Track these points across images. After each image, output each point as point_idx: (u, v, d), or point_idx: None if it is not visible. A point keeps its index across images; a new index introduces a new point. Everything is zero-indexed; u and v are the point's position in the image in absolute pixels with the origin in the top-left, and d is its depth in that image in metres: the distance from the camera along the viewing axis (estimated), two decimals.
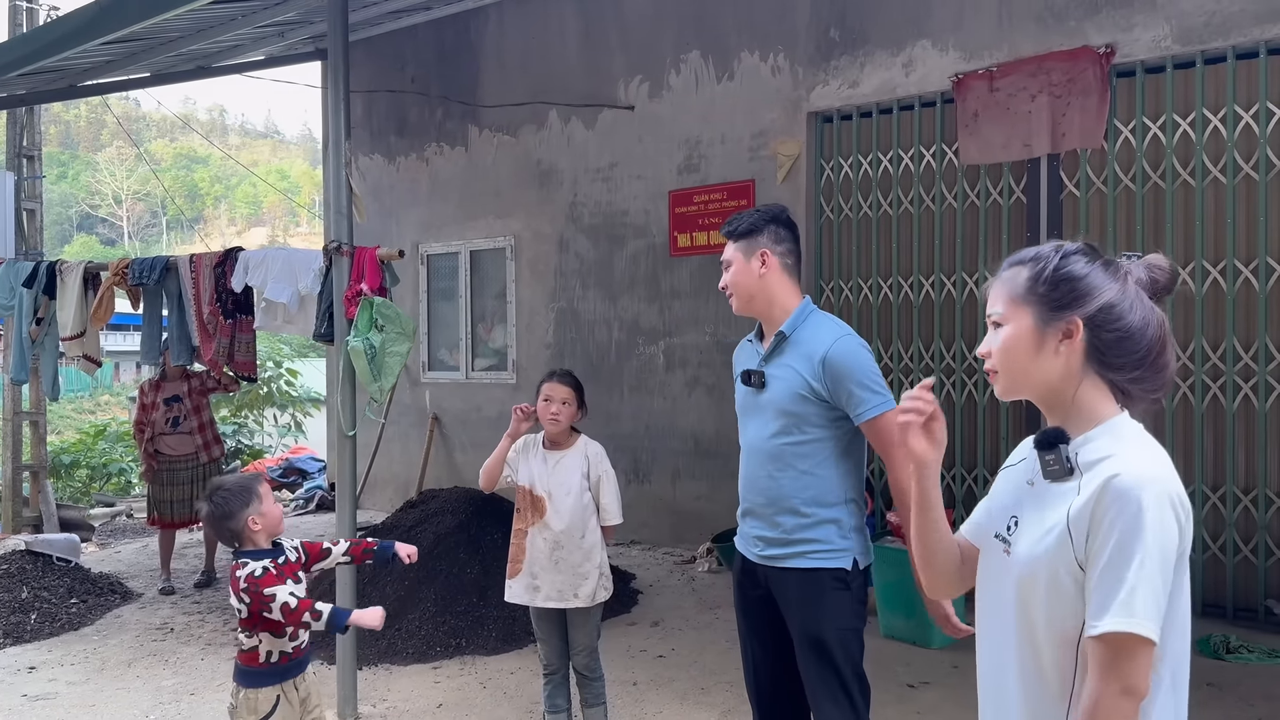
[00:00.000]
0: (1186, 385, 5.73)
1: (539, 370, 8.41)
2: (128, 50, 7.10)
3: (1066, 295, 1.63)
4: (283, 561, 3.25)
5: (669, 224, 7.61)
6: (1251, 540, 5.58)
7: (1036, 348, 1.64)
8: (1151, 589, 1.47)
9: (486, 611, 5.78)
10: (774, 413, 2.93)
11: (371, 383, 4.73)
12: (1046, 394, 1.67)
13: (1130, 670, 1.48)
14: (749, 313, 3.04)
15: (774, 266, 2.91)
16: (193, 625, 6.19)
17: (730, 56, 7.29)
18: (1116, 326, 1.60)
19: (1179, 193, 5.74)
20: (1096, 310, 1.61)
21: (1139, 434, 1.61)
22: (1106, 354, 1.62)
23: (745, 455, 3.10)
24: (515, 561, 3.86)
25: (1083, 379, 1.64)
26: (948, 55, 6.34)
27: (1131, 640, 1.47)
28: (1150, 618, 1.46)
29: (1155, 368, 1.62)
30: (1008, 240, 6.27)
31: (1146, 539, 1.47)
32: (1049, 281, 1.64)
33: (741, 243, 2.96)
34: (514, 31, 8.61)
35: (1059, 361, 1.63)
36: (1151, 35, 5.66)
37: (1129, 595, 1.47)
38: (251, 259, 5.29)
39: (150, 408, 6.83)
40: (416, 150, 9.28)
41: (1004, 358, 1.68)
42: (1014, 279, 1.69)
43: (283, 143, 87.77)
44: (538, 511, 3.81)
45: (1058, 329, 1.63)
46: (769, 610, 3.02)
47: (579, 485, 3.82)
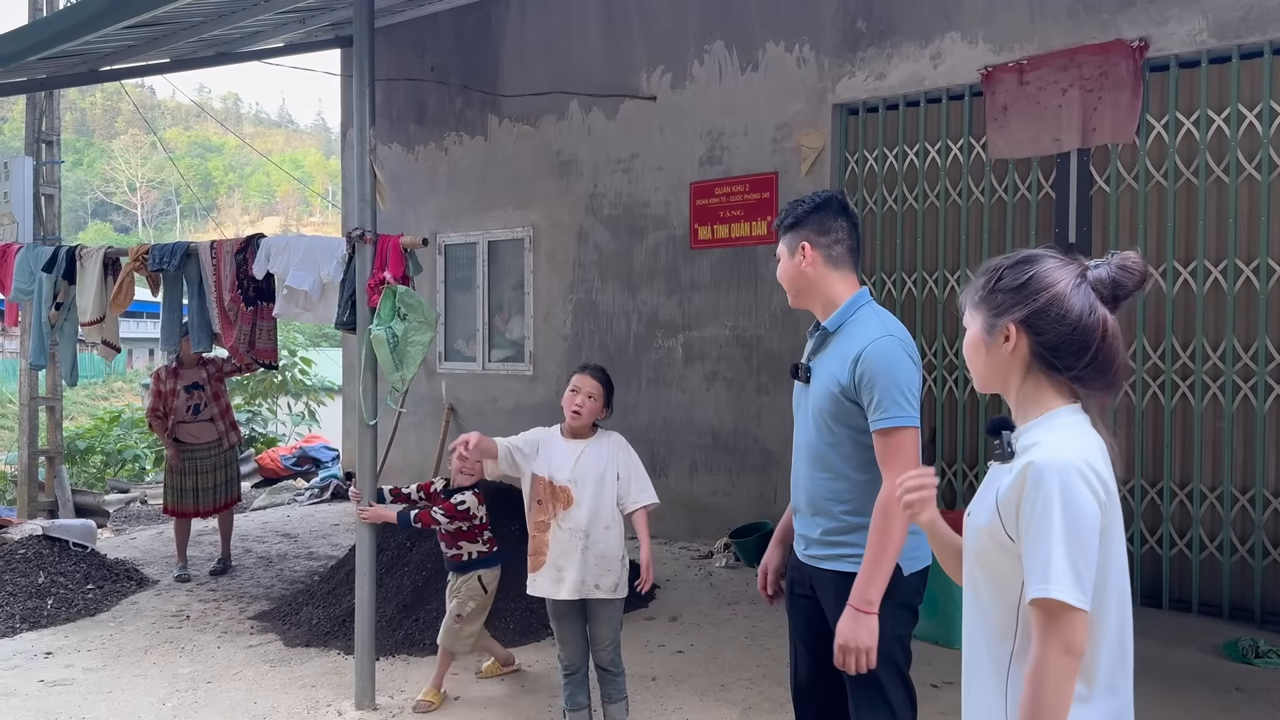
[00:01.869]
0: (1217, 385, 5.64)
1: (556, 362, 8.38)
2: (150, 35, 7.07)
3: (1005, 301, 1.79)
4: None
5: (690, 216, 7.55)
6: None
7: (985, 349, 1.83)
8: (1067, 558, 1.61)
9: (503, 604, 5.71)
10: (813, 411, 2.84)
11: (393, 372, 4.68)
12: (1000, 389, 1.85)
13: (1058, 630, 1.62)
14: (801, 306, 2.93)
15: (816, 259, 2.79)
16: (209, 613, 6.17)
17: (755, 47, 7.21)
18: (1055, 329, 1.74)
19: (1212, 189, 5.65)
20: (1029, 315, 1.76)
21: (1073, 424, 1.74)
22: (1049, 354, 1.75)
23: (794, 452, 3.00)
24: (538, 554, 3.80)
25: (1026, 376, 1.79)
26: (977, 47, 6.25)
27: (1053, 604, 1.62)
28: (1067, 583, 1.60)
29: (1098, 367, 1.74)
30: (1035, 236, 6.19)
31: (1058, 513, 1.62)
32: (990, 288, 1.82)
33: (787, 236, 2.87)
34: (535, 20, 8.54)
35: (1004, 361, 1.80)
36: (1187, 29, 5.56)
37: (1046, 565, 1.62)
38: (273, 245, 5.24)
39: (170, 395, 6.80)
40: (435, 139, 9.23)
41: (967, 358, 1.90)
42: (973, 286, 1.87)
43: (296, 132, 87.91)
44: (562, 502, 3.76)
45: (999, 332, 1.79)
46: (813, 608, 2.93)
47: (604, 474, 3.78)
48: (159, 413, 6.85)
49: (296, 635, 5.69)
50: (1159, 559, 5.82)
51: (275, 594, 6.56)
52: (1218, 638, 5.28)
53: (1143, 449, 5.86)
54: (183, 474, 6.90)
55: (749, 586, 6.50)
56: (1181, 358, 5.73)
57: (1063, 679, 1.63)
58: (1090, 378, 1.75)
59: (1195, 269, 5.68)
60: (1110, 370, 1.75)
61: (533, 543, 3.83)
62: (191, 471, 6.91)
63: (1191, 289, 5.70)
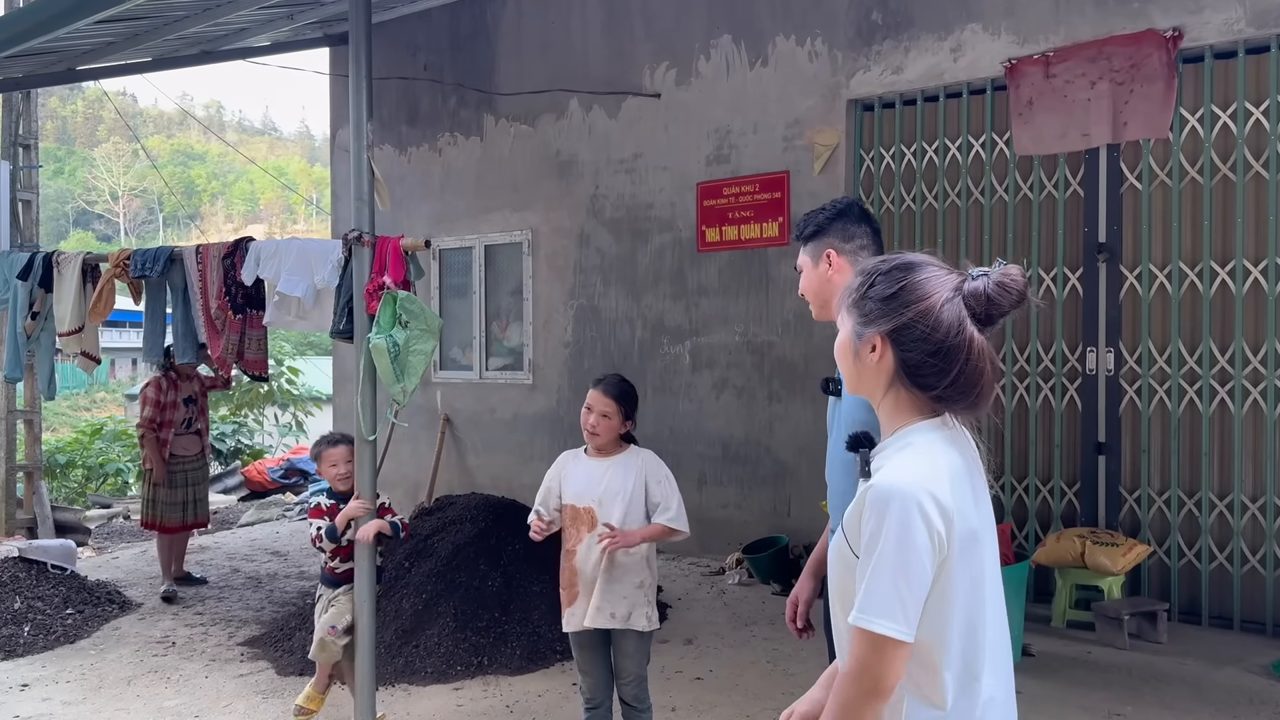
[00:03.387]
0: (1258, 391, 5.38)
1: (557, 370, 8.07)
2: (129, 31, 6.73)
3: (873, 311, 1.71)
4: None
5: (696, 218, 7.25)
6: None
7: (853, 355, 1.75)
8: (890, 589, 1.56)
9: (509, 627, 5.43)
10: (846, 423, 2.70)
11: (394, 383, 4.37)
12: (867, 397, 1.78)
13: (866, 660, 1.59)
14: (827, 318, 2.76)
15: (843, 266, 2.68)
16: (195, 639, 5.83)
17: (764, 41, 6.93)
18: (919, 347, 1.66)
19: (1250, 185, 5.40)
20: (894, 329, 1.68)
21: (925, 443, 1.67)
22: (910, 372, 1.68)
23: (829, 470, 2.80)
24: (570, 587, 3.50)
25: (889, 389, 1.72)
26: (999, 39, 5.99)
27: (867, 634, 1.58)
28: (883, 615, 1.56)
29: (960, 388, 1.66)
30: (1063, 235, 5.92)
31: (884, 543, 1.57)
32: (862, 294, 1.74)
33: (809, 245, 2.75)
34: (532, 16, 8.24)
35: (869, 371, 1.73)
36: (1223, 18, 5.31)
37: (865, 593, 1.58)
38: (263, 250, 4.92)
39: (171, 407, 6.62)
40: (429, 140, 8.91)
41: (838, 359, 1.80)
42: (848, 287, 1.78)
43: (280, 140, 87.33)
44: (586, 524, 3.45)
45: (866, 342, 1.72)
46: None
47: (631, 491, 3.47)
48: (155, 424, 6.60)
49: (290, 663, 5.35)
50: (1197, 573, 5.55)
51: (266, 617, 6.23)
52: (1264, 657, 5.02)
53: (1179, 458, 5.59)
54: (171, 488, 6.69)
55: (765, 605, 6.20)
56: (1220, 362, 5.47)
57: (859, 704, 1.62)
58: (952, 398, 1.68)
59: (1234, 269, 5.42)
60: (973, 392, 1.67)
61: (563, 575, 3.53)
62: (182, 484, 6.74)
63: (1230, 290, 5.44)
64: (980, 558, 1.68)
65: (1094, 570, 5.39)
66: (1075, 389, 5.93)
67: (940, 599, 1.62)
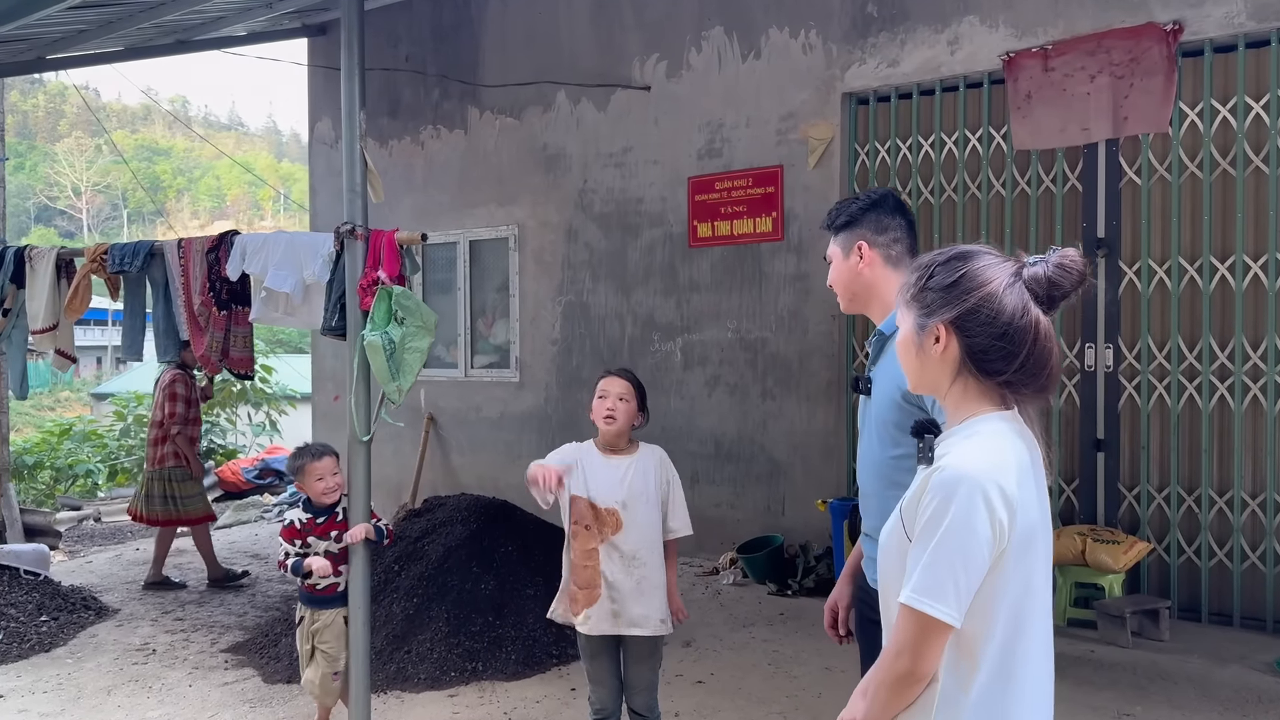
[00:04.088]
0: (1258, 386, 5.35)
1: (544, 368, 7.93)
2: (103, 18, 6.51)
3: (935, 300, 1.71)
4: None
5: (688, 212, 7.14)
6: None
7: (916, 349, 1.75)
8: (946, 573, 1.57)
9: (504, 632, 5.30)
10: (876, 423, 2.61)
11: (389, 381, 4.23)
12: (931, 391, 1.79)
13: (910, 640, 1.61)
14: (855, 311, 2.73)
15: (874, 259, 2.60)
16: (177, 645, 5.64)
17: (757, 33, 6.83)
18: (985, 332, 1.66)
19: (1250, 180, 5.36)
20: (958, 316, 1.68)
21: (993, 433, 1.66)
22: (977, 358, 1.68)
23: (858, 471, 2.72)
24: (591, 587, 3.36)
25: (955, 379, 1.72)
26: (997, 32, 5.92)
27: (917, 614, 1.58)
28: (938, 598, 1.57)
29: (1027, 373, 1.67)
30: (1061, 231, 5.87)
31: (945, 528, 1.57)
32: (921, 286, 1.74)
33: (840, 236, 2.65)
34: (517, 6, 8.09)
35: (933, 363, 1.73)
36: (1224, 11, 5.27)
37: (919, 574, 1.59)
38: (249, 243, 4.75)
39: (196, 403, 6.75)
40: (410, 133, 8.73)
41: (899, 357, 1.83)
42: (906, 283, 1.80)
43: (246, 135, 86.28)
44: (610, 526, 3.33)
45: (929, 333, 1.72)
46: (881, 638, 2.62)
47: (653, 493, 3.38)
48: (187, 420, 6.70)
49: (277, 670, 5.19)
50: (1197, 570, 5.51)
51: (249, 622, 6.05)
52: (1266, 654, 4.98)
53: (1178, 454, 5.55)
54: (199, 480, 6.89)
55: (761, 606, 6.11)
56: (1219, 358, 5.44)
57: (896, 684, 1.65)
58: (1020, 382, 1.68)
59: (1234, 264, 5.39)
60: (1042, 375, 1.69)
61: (580, 574, 3.38)
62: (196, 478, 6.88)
63: (1230, 285, 5.41)
64: (1035, 555, 1.67)
65: (1095, 568, 5.35)
66: (1074, 385, 5.89)
67: (991, 591, 1.61)
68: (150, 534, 9.01)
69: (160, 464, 6.68)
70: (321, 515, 4.10)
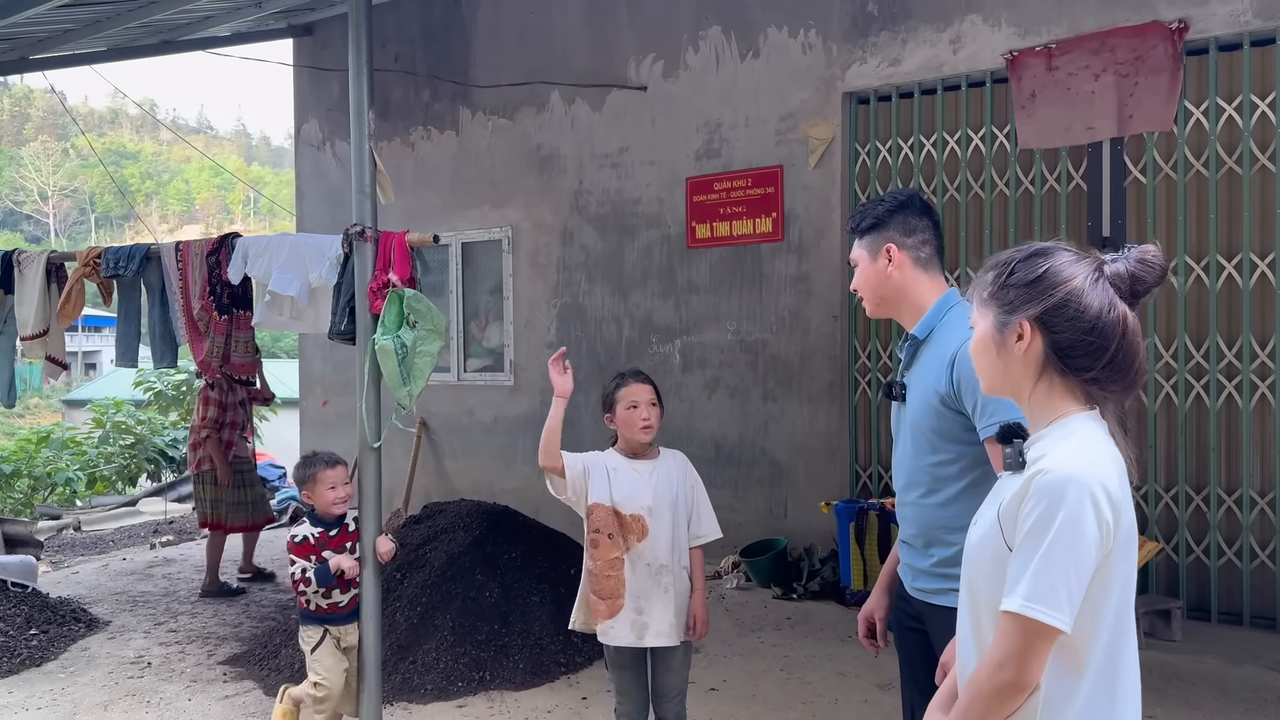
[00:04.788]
0: (1266, 384, 5.35)
1: (539, 371, 7.82)
2: (92, 16, 6.37)
3: (1019, 297, 1.67)
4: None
5: (686, 213, 7.07)
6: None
7: (995, 349, 1.71)
8: (1058, 579, 1.52)
9: (510, 640, 5.20)
10: (912, 429, 2.57)
11: (399, 387, 4.14)
12: (1012, 394, 1.74)
13: (1022, 650, 1.55)
14: (883, 315, 2.68)
15: (904, 262, 2.55)
16: (172, 658, 5.51)
17: (755, 32, 6.77)
18: (1071, 327, 1.63)
19: (1256, 179, 5.37)
20: (1044, 312, 1.64)
21: (1088, 434, 1.62)
22: (1063, 355, 1.64)
23: (895, 479, 2.66)
24: (614, 597, 3.28)
25: (1039, 379, 1.68)
26: (1000, 31, 5.90)
27: (1027, 622, 1.53)
28: (1050, 604, 1.52)
29: (1116, 369, 1.64)
30: (1066, 230, 5.85)
31: (1055, 531, 1.52)
32: (1002, 283, 1.70)
33: (866, 239, 2.60)
34: (510, 5, 8.00)
35: (1015, 362, 1.69)
36: (1229, 9, 5.27)
37: (1028, 580, 1.53)
38: (251, 246, 4.64)
39: (232, 408, 6.67)
40: (400, 134, 8.61)
41: (974, 358, 1.78)
42: (982, 281, 1.75)
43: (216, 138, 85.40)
44: (635, 534, 3.25)
45: (1012, 331, 1.67)
46: (924, 647, 2.61)
47: (678, 499, 3.31)
48: (219, 425, 6.63)
49: (277, 682, 5.03)
50: (1206, 569, 5.50)
51: (245, 633, 5.92)
52: (1278, 653, 4.98)
53: (1185, 453, 5.54)
54: (234, 488, 6.73)
55: (768, 610, 6.05)
56: (1227, 356, 5.44)
57: (999, 696, 1.59)
58: (1108, 379, 1.65)
59: (1240, 263, 5.39)
60: (1130, 371, 1.65)
61: (603, 584, 3.30)
62: (241, 485, 6.77)
63: (1236, 284, 5.40)
64: (1133, 556, 1.65)
65: None
66: None
67: (1096, 594, 1.58)
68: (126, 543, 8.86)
69: (198, 468, 6.72)
70: (333, 528, 3.95)
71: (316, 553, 3.89)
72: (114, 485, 12.37)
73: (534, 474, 7.85)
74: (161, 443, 12.97)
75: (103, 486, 12.13)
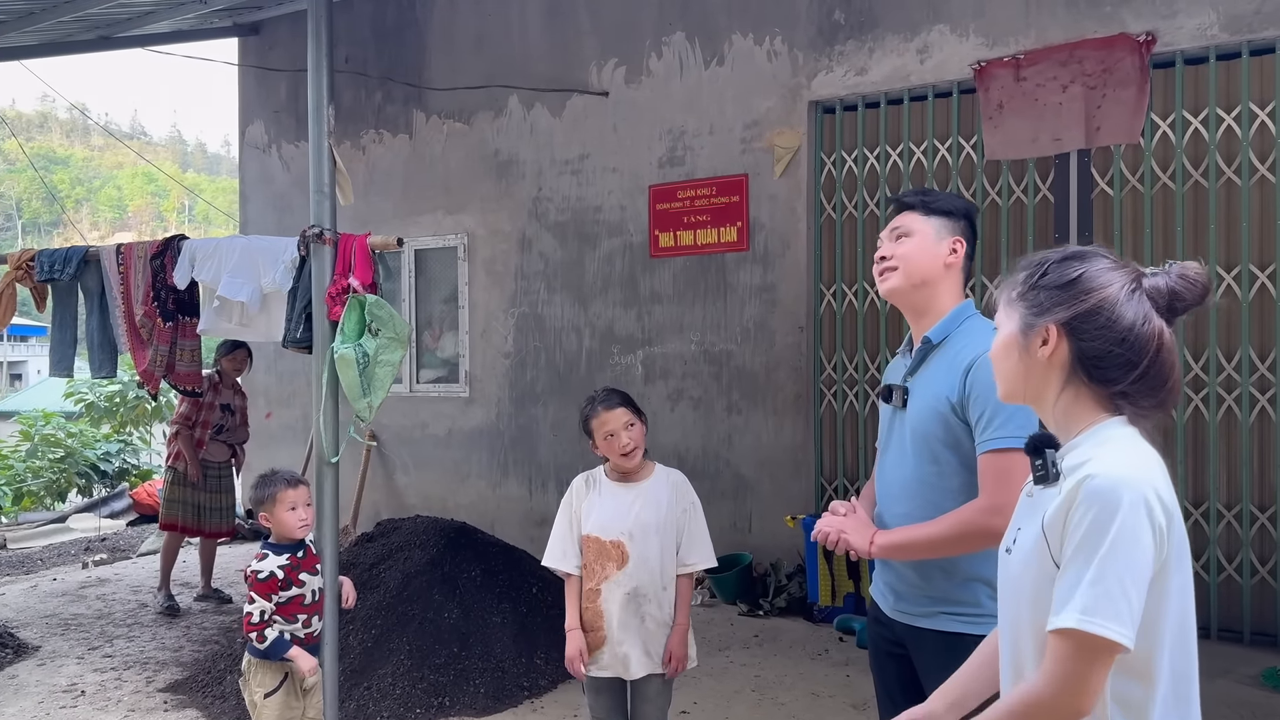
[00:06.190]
0: (1232, 397, 5.36)
1: (497, 382, 7.63)
2: (25, 8, 6.04)
3: (1048, 300, 1.60)
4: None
5: (649, 222, 6.93)
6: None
7: (1019, 351, 1.63)
8: (1116, 590, 1.42)
9: (470, 663, 4.99)
10: (912, 436, 2.42)
11: (359, 398, 3.93)
12: (1032, 401, 1.66)
13: (1079, 671, 1.43)
14: (905, 300, 2.50)
15: (958, 263, 2.46)
16: (108, 685, 5.19)
17: (720, 39, 6.66)
18: (1101, 337, 1.56)
19: (1222, 192, 5.38)
20: (1073, 317, 1.57)
21: (1126, 438, 1.54)
22: (1091, 365, 1.57)
23: (881, 490, 2.56)
24: (595, 630, 3.10)
25: (1065, 387, 1.60)
26: (968, 41, 5.86)
27: (1086, 639, 1.42)
28: (1111, 617, 1.41)
29: (1149, 383, 1.56)
30: (1032, 242, 5.82)
31: (1112, 539, 1.43)
32: (1032, 284, 1.63)
33: (936, 219, 2.45)
34: (466, 7, 7.80)
35: (1038, 367, 1.61)
36: (1196, 22, 5.28)
37: (1085, 593, 1.43)
38: (200, 249, 4.39)
39: (209, 408, 6.48)
40: (351, 138, 8.34)
41: (995, 361, 1.70)
42: (1012, 281, 1.68)
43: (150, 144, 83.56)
44: (614, 560, 3.07)
45: (1037, 334, 1.60)
46: (906, 673, 2.48)
47: (665, 523, 3.11)
48: (191, 421, 6.46)
49: (223, 710, 4.80)
50: (1206, 585, 5.41)
51: (186, 658, 5.62)
52: (1249, 666, 4.95)
53: (1184, 467, 5.49)
54: (194, 489, 6.55)
55: (735, 628, 5.90)
56: (1193, 369, 5.43)
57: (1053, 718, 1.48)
58: (1139, 394, 1.56)
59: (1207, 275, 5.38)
60: (1163, 389, 1.57)
61: (585, 615, 3.12)
62: (202, 489, 6.56)
63: (1236, 295, 5.37)
64: (1188, 563, 1.55)
65: None
66: None
67: (1156, 604, 1.48)
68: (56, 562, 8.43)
69: (170, 462, 6.59)
70: (297, 550, 3.56)
71: (294, 576, 3.52)
72: (42, 501, 11.83)
73: (489, 488, 7.68)
74: (94, 456, 12.45)
75: (30, 502, 11.60)
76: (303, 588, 3.53)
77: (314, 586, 3.60)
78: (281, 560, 3.49)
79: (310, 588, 3.57)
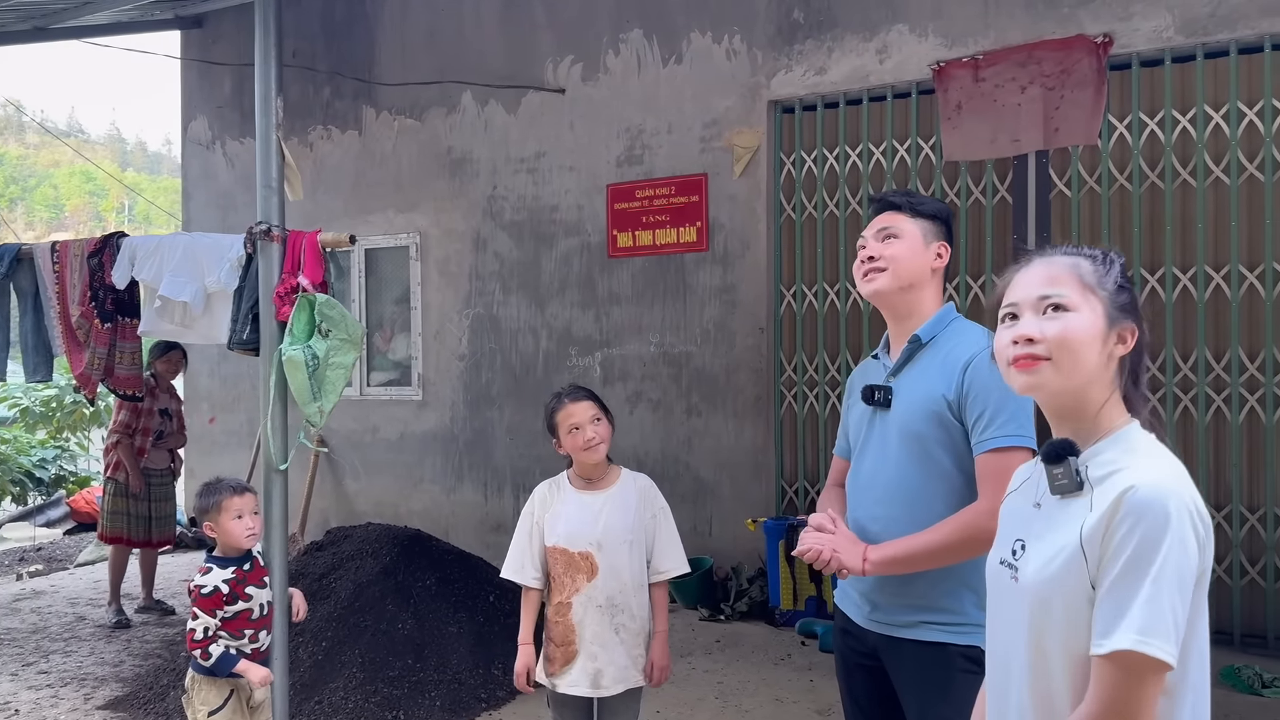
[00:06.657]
0: (1189, 398, 5.39)
1: (450, 385, 7.47)
2: None
3: (1128, 300, 1.58)
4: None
5: (607, 221, 6.82)
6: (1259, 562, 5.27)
7: (1101, 344, 1.54)
8: (1167, 607, 1.37)
9: (426, 675, 4.85)
10: (900, 436, 2.35)
11: (309, 402, 3.78)
12: (1080, 398, 1.55)
13: (1134, 695, 1.37)
14: (889, 302, 2.45)
15: (942, 268, 2.48)
16: (44, 704, 4.96)
17: (678, 37, 6.58)
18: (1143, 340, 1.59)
19: (1178, 193, 5.41)
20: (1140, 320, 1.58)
21: (1151, 444, 1.53)
22: (1135, 365, 1.58)
23: (855, 493, 2.48)
24: (566, 644, 2.98)
25: (1114, 389, 1.56)
26: (927, 41, 5.84)
27: (1140, 661, 1.36)
28: (1164, 637, 1.36)
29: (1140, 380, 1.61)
30: (991, 243, 5.82)
31: (1164, 554, 1.37)
32: (1116, 281, 1.58)
33: (924, 222, 2.46)
34: (419, 2, 7.63)
35: (1110, 364, 1.55)
36: (1152, 25, 5.30)
37: (1141, 611, 1.36)
38: (140, 247, 4.19)
39: (148, 414, 6.24)
40: (298, 134, 8.13)
41: (1065, 347, 1.53)
42: (1078, 266, 1.58)
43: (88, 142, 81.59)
44: (584, 572, 2.96)
45: (1118, 332, 1.55)
46: (879, 685, 2.40)
47: (633, 529, 3.01)
48: (131, 430, 6.21)
49: None
50: None
51: (127, 673, 5.39)
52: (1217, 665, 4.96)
53: None
54: (137, 499, 6.29)
55: (696, 634, 5.81)
56: (1151, 369, 5.44)
57: None
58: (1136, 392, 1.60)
59: (1163, 276, 5.42)
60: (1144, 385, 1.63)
61: (555, 629, 3.00)
62: (145, 498, 6.32)
63: (1159, 296, 5.43)
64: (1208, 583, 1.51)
65: None
66: None
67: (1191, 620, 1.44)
68: None
69: (109, 473, 6.34)
70: (245, 563, 3.39)
71: (240, 590, 3.33)
72: None
73: (442, 494, 7.51)
74: (29, 463, 12.02)
75: None
76: (249, 602, 3.34)
77: (262, 600, 3.40)
78: (226, 574, 3.30)
79: (258, 601, 3.38)
